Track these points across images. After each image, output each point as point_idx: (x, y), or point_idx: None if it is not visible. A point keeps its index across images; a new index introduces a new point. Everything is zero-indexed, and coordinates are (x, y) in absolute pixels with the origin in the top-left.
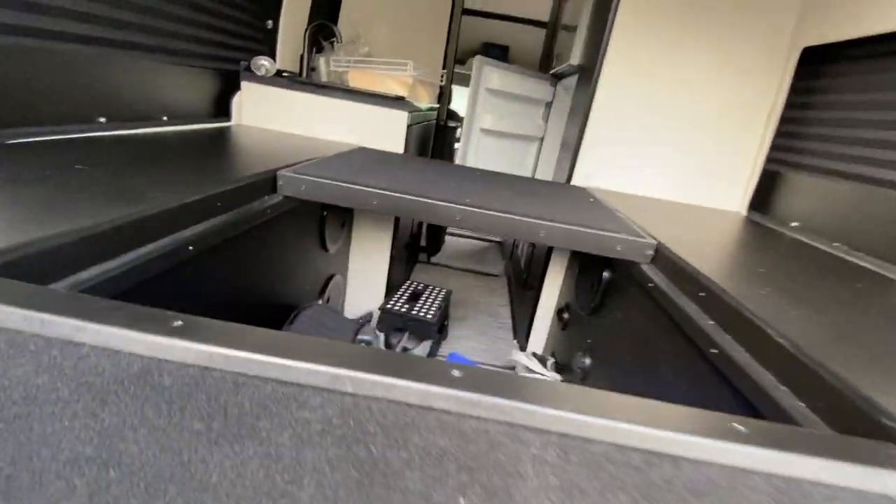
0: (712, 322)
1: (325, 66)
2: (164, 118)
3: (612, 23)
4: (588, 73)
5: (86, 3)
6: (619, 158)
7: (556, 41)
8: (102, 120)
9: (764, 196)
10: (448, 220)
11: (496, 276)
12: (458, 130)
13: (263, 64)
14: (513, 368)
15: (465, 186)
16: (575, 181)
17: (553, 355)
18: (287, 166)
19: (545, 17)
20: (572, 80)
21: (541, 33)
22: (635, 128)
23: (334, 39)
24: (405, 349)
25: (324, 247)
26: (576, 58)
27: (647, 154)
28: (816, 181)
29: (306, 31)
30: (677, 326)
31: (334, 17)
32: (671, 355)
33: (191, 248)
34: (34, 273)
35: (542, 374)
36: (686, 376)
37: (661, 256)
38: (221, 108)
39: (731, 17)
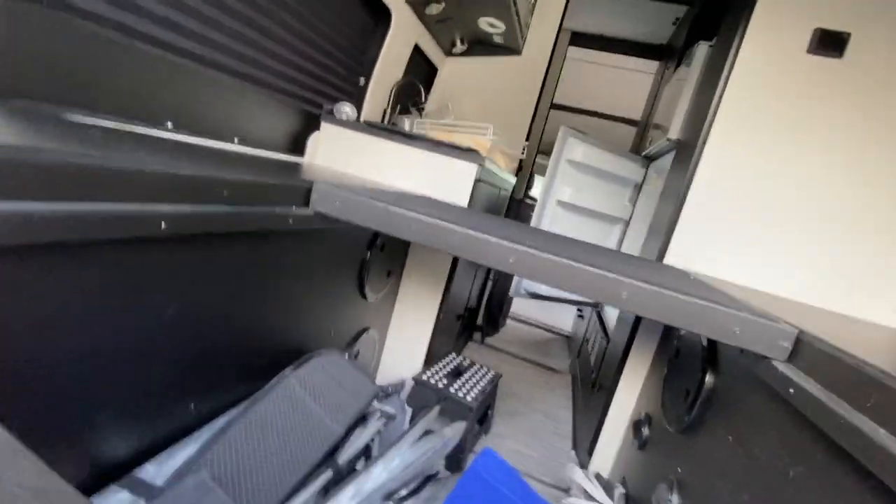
0: None
1: (409, 126)
2: (235, 139)
3: (722, 93)
4: (688, 148)
5: (183, 16)
6: (723, 243)
7: (645, 137)
8: (169, 124)
9: None
10: (499, 261)
11: (559, 371)
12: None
13: (345, 110)
14: (567, 490)
15: (528, 236)
16: (667, 262)
17: (623, 482)
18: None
19: (636, 116)
20: (666, 161)
21: (630, 131)
22: (750, 209)
23: (422, 106)
24: (427, 432)
25: (362, 293)
26: (674, 132)
27: (763, 242)
28: None
29: (394, 88)
30: (847, 457)
31: (428, 84)
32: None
33: (163, 224)
34: None
35: None
36: None
37: (807, 350)
38: (297, 145)
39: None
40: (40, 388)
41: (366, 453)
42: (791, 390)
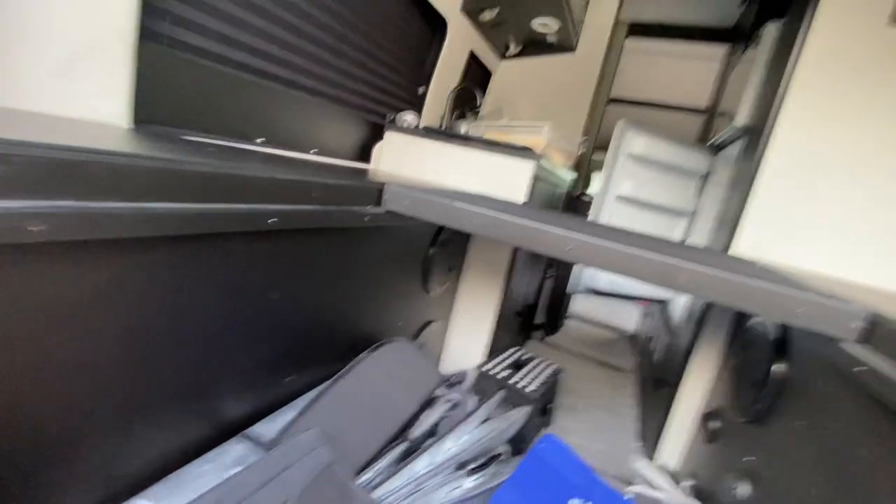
0: None
1: (465, 130)
2: (312, 150)
3: (793, 73)
4: (757, 134)
5: (269, 45)
6: (794, 231)
7: (712, 126)
8: (260, 140)
9: None
10: (556, 249)
11: (623, 370)
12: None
13: (407, 118)
14: (631, 483)
15: (584, 227)
16: (733, 253)
17: (692, 475)
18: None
19: (700, 104)
20: (735, 150)
21: (695, 121)
22: (823, 195)
23: (477, 108)
24: (487, 419)
25: (426, 287)
26: (742, 118)
27: (838, 228)
28: None
29: (451, 94)
30: None
31: (483, 88)
32: None
33: (271, 221)
34: None
35: (670, 497)
36: None
37: (880, 330)
38: (364, 153)
39: None
40: (178, 357)
41: (432, 434)
42: (863, 371)
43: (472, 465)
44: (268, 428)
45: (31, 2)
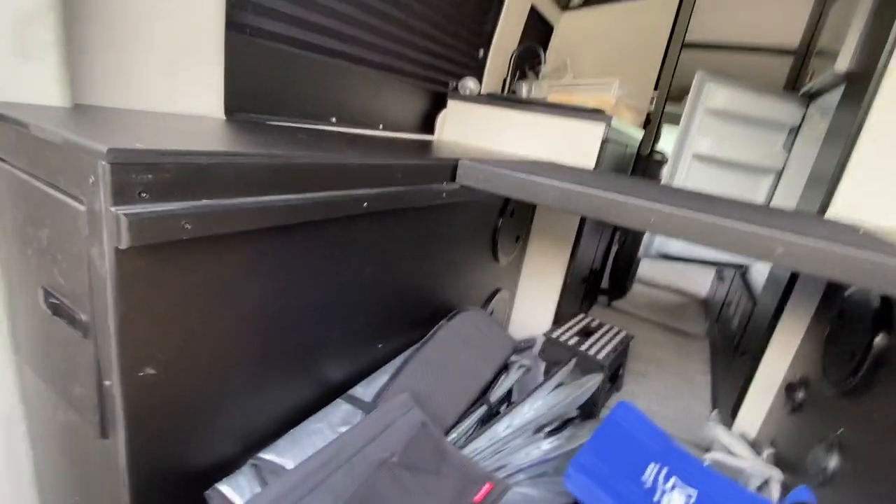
0: None
1: (527, 91)
2: (381, 126)
3: None
4: (863, 80)
5: (337, 23)
6: None
7: (805, 70)
8: (333, 119)
9: None
10: (639, 221)
11: (694, 336)
12: (665, 167)
13: (469, 85)
14: (708, 450)
15: (664, 195)
16: (831, 215)
17: (772, 444)
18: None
19: (791, 43)
20: (833, 98)
21: (783, 63)
22: None
23: (540, 67)
24: (559, 384)
25: (495, 257)
26: (844, 61)
27: None
28: None
29: (512, 55)
30: None
31: (544, 45)
32: None
33: (365, 204)
34: None
35: (751, 464)
36: None
37: None
38: (428, 125)
39: None
40: (293, 330)
41: (507, 398)
42: None
43: (548, 429)
44: (365, 390)
45: (137, 8)
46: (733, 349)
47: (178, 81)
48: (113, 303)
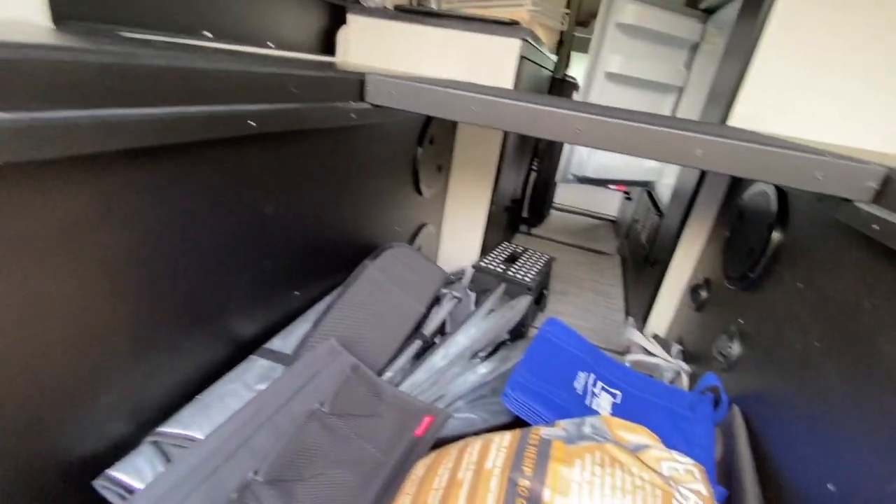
0: None
1: (436, 5)
2: (270, 44)
3: None
4: None
5: None
6: (796, 102)
7: None
8: (207, 34)
9: None
10: (567, 133)
11: (608, 254)
12: (577, 91)
13: None
14: (625, 353)
15: (590, 108)
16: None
17: (680, 341)
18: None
19: None
20: (730, 13)
21: None
22: (831, 60)
23: None
24: (491, 310)
25: (417, 189)
26: None
27: (842, 96)
28: None
29: None
30: None
31: None
32: None
33: (253, 123)
34: None
35: (665, 360)
36: None
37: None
38: (328, 44)
39: None
40: (185, 281)
41: (441, 330)
42: (876, 227)
43: (483, 354)
44: (284, 342)
45: None
46: (643, 261)
47: None
48: None
